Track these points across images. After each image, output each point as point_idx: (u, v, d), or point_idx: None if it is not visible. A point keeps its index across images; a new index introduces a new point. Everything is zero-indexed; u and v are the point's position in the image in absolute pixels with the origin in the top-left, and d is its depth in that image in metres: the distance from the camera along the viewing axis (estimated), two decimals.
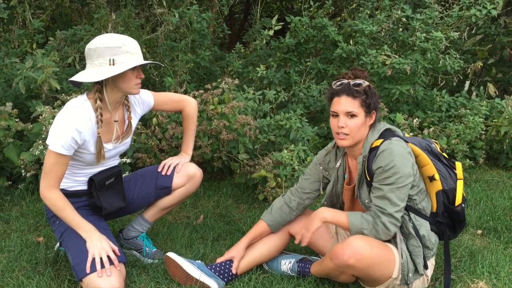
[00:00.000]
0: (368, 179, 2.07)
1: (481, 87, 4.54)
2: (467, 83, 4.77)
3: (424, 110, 4.24)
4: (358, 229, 2.03)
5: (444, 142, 3.83)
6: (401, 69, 3.95)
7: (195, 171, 2.45)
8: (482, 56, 4.93)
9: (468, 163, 3.85)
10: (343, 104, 2.05)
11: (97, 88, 2.12)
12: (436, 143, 2.26)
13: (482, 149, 4.14)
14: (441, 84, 4.48)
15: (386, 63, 3.98)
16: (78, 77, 2.08)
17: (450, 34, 4.16)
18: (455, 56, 4.15)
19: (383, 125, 2.15)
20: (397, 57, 4.03)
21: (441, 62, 4.05)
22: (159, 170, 2.44)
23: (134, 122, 2.33)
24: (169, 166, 2.45)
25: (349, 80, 2.09)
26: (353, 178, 2.22)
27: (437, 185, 2.12)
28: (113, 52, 2.02)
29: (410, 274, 2.05)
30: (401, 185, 1.98)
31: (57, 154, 2.05)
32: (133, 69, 2.09)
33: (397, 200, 1.99)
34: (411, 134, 3.76)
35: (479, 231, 2.87)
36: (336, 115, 2.08)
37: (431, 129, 3.88)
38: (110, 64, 2.02)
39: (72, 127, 2.03)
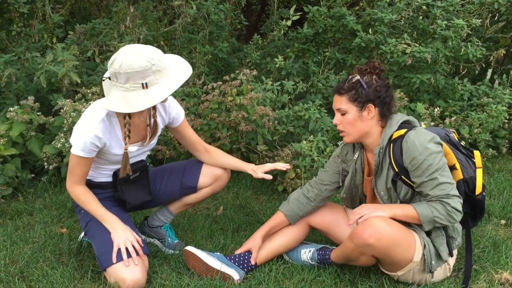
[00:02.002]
0: (397, 170, 2.05)
1: (504, 75, 4.45)
2: (490, 71, 4.68)
3: (445, 99, 4.17)
4: (430, 219, 1.99)
5: (466, 132, 3.77)
6: (422, 58, 3.89)
7: (223, 173, 2.45)
8: (504, 43, 4.81)
9: (491, 153, 3.79)
10: (334, 102, 2.13)
11: None
12: (454, 132, 2.24)
13: (505, 138, 4.06)
14: (463, 73, 4.40)
15: (406, 52, 3.92)
16: (114, 106, 1.97)
17: (471, 21, 4.08)
18: (477, 43, 4.07)
19: (401, 117, 2.12)
20: (418, 45, 3.97)
21: (462, 50, 3.98)
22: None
23: (160, 122, 2.31)
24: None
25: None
26: (372, 169, 2.20)
27: (458, 174, 2.10)
28: (144, 75, 1.94)
29: (433, 262, 2.04)
30: (443, 165, 1.98)
31: (78, 156, 2.07)
32: None
33: (449, 179, 1.99)
34: (432, 124, 3.71)
35: (503, 221, 2.82)
36: None
37: (452, 119, 3.82)
38: (143, 88, 1.95)
39: (91, 133, 2.03)
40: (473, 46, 4.01)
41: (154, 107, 2.23)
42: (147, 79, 1.95)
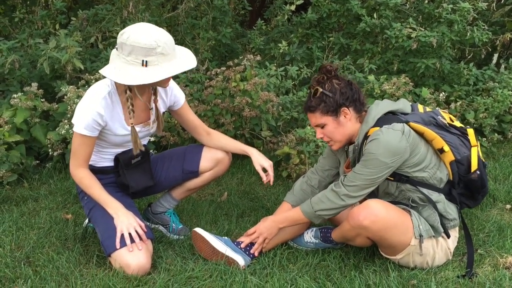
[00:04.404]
0: None
1: (510, 60, 4.40)
2: (496, 55, 4.62)
3: (450, 84, 4.13)
4: (311, 213, 2.12)
5: (472, 116, 3.74)
6: (427, 42, 3.85)
7: (224, 156, 2.44)
8: (511, 27, 4.76)
9: (497, 137, 3.77)
10: (310, 120, 2.17)
11: None
12: (445, 112, 2.21)
13: (511, 123, 4.03)
14: (469, 57, 4.36)
15: (412, 36, 3.88)
16: (107, 72, 2.00)
17: (478, 4, 4.03)
18: (483, 27, 4.03)
19: (382, 108, 2.10)
20: (423, 30, 3.93)
21: (468, 34, 3.93)
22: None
23: (161, 105, 2.31)
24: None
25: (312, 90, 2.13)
26: None
27: (449, 156, 2.10)
28: (147, 53, 1.94)
29: (421, 226, 2.05)
30: (371, 167, 1.99)
31: (81, 135, 2.07)
32: None
33: (367, 184, 2.03)
34: (437, 108, 3.68)
35: (508, 206, 2.81)
36: None
37: (458, 103, 3.79)
38: (142, 65, 1.96)
39: (93, 109, 2.04)
40: (479, 30, 3.96)
41: (155, 93, 2.23)
42: (148, 57, 1.95)
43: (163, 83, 2.09)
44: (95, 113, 2.05)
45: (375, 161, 1.98)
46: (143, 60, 1.95)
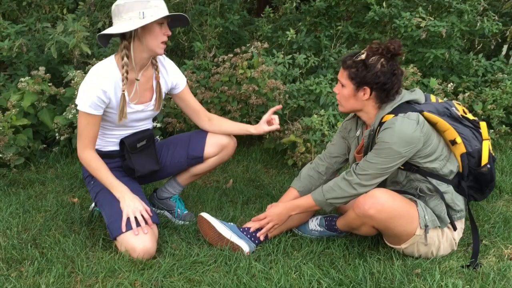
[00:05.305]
0: None
1: None
2: (505, 47, 4.57)
3: (459, 75, 4.10)
4: (322, 201, 2.12)
5: (480, 108, 3.72)
6: (436, 32, 3.81)
7: (228, 141, 2.44)
8: None
9: (504, 129, 3.74)
10: (339, 73, 2.14)
11: (125, 45, 2.12)
12: (458, 104, 2.19)
13: None
14: (478, 48, 4.32)
15: (421, 26, 3.85)
16: (108, 30, 2.10)
17: None
18: (493, 18, 3.98)
19: (401, 97, 2.08)
20: (432, 19, 3.89)
21: (478, 24, 3.89)
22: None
23: (163, 86, 2.32)
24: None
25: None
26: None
27: (461, 148, 2.09)
28: (143, 6, 2.04)
29: (427, 217, 2.05)
30: (384, 156, 1.98)
31: (86, 114, 2.10)
32: (161, 25, 2.10)
33: (379, 172, 2.02)
34: (445, 99, 3.66)
35: None
36: None
37: (466, 94, 3.76)
38: (140, 18, 2.04)
39: (97, 86, 2.07)
40: (489, 21, 3.92)
41: (157, 68, 2.24)
42: (145, 10, 2.04)
43: (159, 48, 2.13)
44: (98, 90, 2.07)
45: (388, 150, 1.97)
46: (140, 12, 2.04)
